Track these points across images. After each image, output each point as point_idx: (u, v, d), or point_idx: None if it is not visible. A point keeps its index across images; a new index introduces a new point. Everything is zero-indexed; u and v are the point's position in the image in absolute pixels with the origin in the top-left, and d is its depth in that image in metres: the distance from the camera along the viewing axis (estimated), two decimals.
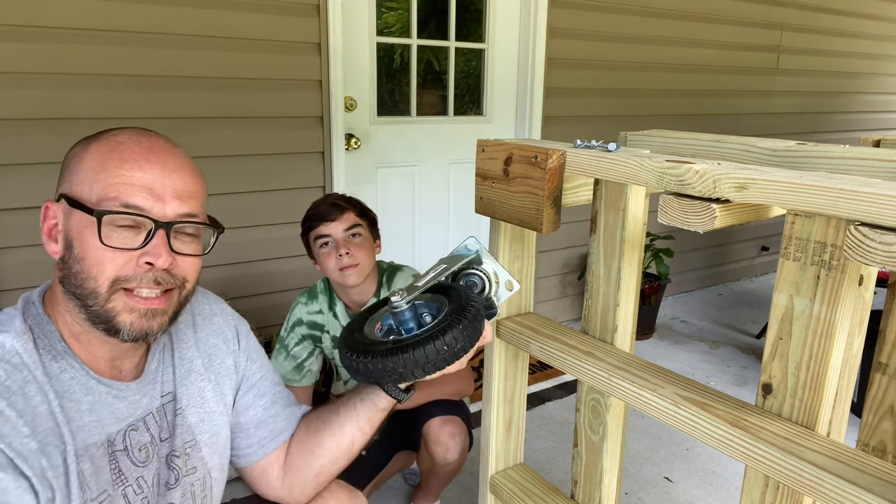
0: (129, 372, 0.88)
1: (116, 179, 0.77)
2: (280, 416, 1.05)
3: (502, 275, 0.97)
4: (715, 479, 2.23)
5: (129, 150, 0.79)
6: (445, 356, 0.82)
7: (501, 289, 0.98)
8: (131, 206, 0.77)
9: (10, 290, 2.11)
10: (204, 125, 2.31)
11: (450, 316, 0.85)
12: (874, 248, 0.64)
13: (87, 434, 0.80)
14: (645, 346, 3.35)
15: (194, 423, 0.94)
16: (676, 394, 0.90)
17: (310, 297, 1.78)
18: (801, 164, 0.95)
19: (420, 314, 0.90)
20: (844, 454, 0.75)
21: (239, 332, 1.04)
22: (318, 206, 1.67)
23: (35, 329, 0.81)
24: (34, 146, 2.05)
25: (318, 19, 2.43)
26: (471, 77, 3.10)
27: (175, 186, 0.80)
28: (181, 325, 0.97)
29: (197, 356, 0.97)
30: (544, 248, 3.38)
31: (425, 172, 3.02)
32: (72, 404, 0.79)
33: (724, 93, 3.89)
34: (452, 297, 0.89)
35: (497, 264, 0.97)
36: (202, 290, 1.05)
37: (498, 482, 1.23)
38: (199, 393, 0.95)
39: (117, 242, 0.77)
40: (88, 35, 2.06)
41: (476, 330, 0.85)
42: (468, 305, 0.86)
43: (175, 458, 0.92)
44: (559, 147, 0.97)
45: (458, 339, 0.83)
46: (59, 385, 0.79)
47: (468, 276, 0.97)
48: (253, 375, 1.04)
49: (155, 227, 0.77)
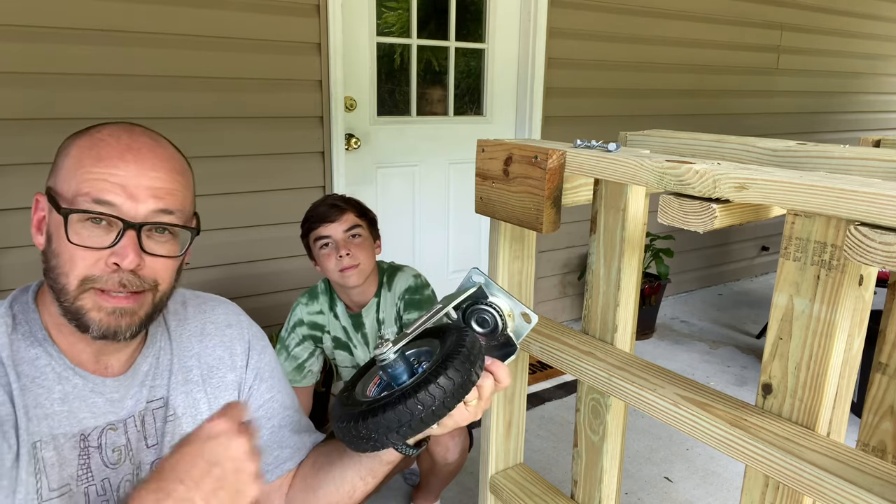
0: (116, 369, 0.86)
1: (91, 176, 0.76)
2: (287, 444, 1.00)
3: (516, 307, 0.86)
4: (715, 479, 2.23)
5: (108, 146, 0.78)
6: (422, 416, 0.70)
7: (519, 322, 0.86)
8: (102, 201, 0.75)
9: (11, 290, 2.11)
10: (204, 125, 2.31)
11: (431, 367, 0.73)
12: (874, 248, 0.64)
13: (55, 423, 0.79)
14: (645, 346, 3.35)
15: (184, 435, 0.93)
16: (676, 394, 0.90)
17: (310, 298, 1.78)
18: (801, 164, 0.95)
19: (418, 363, 0.80)
20: (844, 454, 0.75)
21: (251, 348, 1.00)
22: (318, 207, 1.67)
23: (19, 316, 0.81)
24: (34, 146, 2.05)
25: (318, 19, 2.44)
26: (471, 77, 3.10)
27: (150, 185, 0.78)
28: (187, 332, 0.95)
29: (196, 366, 0.94)
30: (544, 248, 3.38)
31: (425, 172, 3.02)
32: (42, 391, 0.79)
33: (724, 93, 3.89)
34: (444, 341, 0.77)
35: (509, 296, 0.87)
36: (222, 299, 1.02)
37: (498, 482, 1.23)
38: (192, 404, 0.92)
39: (87, 241, 0.76)
40: (88, 35, 2.06)
41: (465, 378, 0.72)
42: (457, 349, 0.74)
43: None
44: (559, 147, 0.97)
45: (438, 395, 0.70)
46: (31, 370, 0.79)
47: (478, 312, 0.86)
48: (262, 395, 1.00)
49: (124, 227, 0.76)
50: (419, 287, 1.74)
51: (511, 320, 0.86)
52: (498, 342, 0.86)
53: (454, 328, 0.80)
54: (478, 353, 0.76)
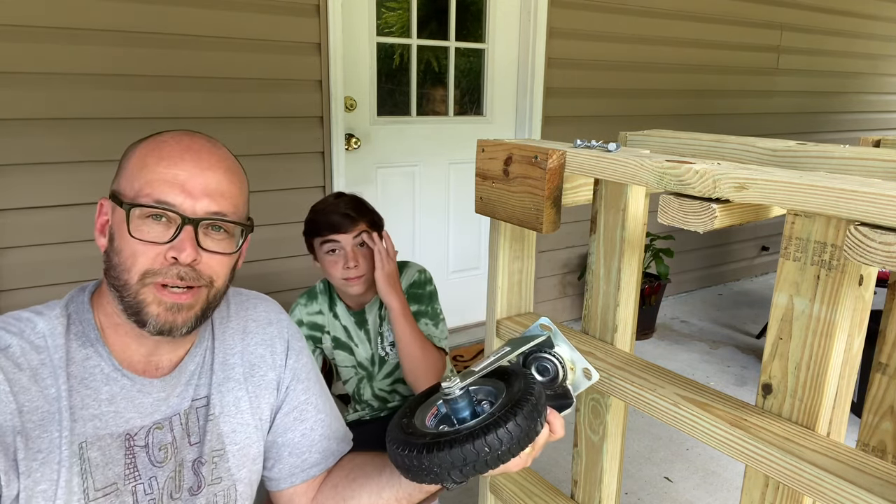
0: (166, 370, 0.88)
1: (153, 176, 0.79)
2: (315, 448, 1.00)
3: (578, 361, 0.86)
4: (715, 479, 2.23)
5: (169, 147, 0.81)
6: (487, 459, 0.69)
7: (578, 376, 0.86)
8: (162, 201, 0.78)
9: (10, 290, 2.11)
10: (204, 125, 2.31)
11: (500, 410, 0.72)
12: (874, 248, 0.64)
13: (102, 423, 0.80)
14: (645, 346, 3.35)
15: (225, 433, 0.92)
16: (676, 394, 0.90)
17: (309, 299, 1.77)
18: (801, 164, 0.95)
19: (478, 401, 0.79)
20: (844, 454, 0.75)
21: (290, 348, 1.00)
22: (330, 214, 1.61)
23: (73, 316, 0.83)
24: (34, 146, 2.05)
25: (318, 19, 2.44)
26: (471, 77, 3.10)
27: (207, 184, 0.81)
28: (230, 330, 0.96)
29: (239, 364, 0.95)
30: (544, 248, 3.38)
31: (425, 172, 3.02)
32: (89, 391, 0.80)
33: (724, 93, 3.89)
34: (510, 385, 0.77)
35: (573, 349, 0.87)
36: (263, 296, 1.03)
37: (498, 482, 1.23)
38: (234, 402, 0.93)
39: (147, 236, 0.79)
40: (88, 35, 2.06)
41: (531, 427, 0.72)
42: (526, 397, 0.73)
43: (201, 465, 0.90)
44: (559, 147, 0.97)
45: (505, 440, 0.69)
46: (80, 371, 0.80)
47: (539, 360, 0.86)
48: (297, 397, 1.00)
49: (182, 223, 0.79)
50: (423, 282, 1.74)
51: (572, 373, 0.86)
52: (554, 392, 0.86)
53: (520, 373, 0.79)
54: (544, 403, 0.76)
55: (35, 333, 0.80)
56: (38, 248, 2.12)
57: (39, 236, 2.11)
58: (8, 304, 2.10)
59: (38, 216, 2.10)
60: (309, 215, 1.67)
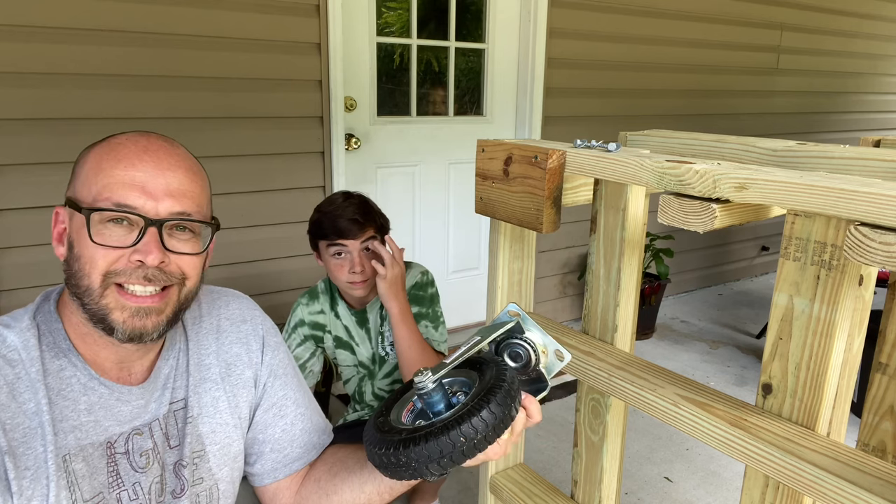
0: (140, 375, 0.87)
1: (110, 179, 0.77)
2: (297, 443, 1.00)
3: (550, 344, 0.86)
4: (715, 479, 2.23)
5: (125, 149, 0.79)
6: (463, 449, 0.69)
7: (551, 359, 0.86)
8: (122, 204, 0.76)
9: (10, 290, 2.11)
10: (204, 125, 2.31)
11: (473, 399, 0.72)
12: (874, 248, 0.64)
13: (83, 434, 0.79)
14: (645, 346, 3.35)
15: (205, 434, 0.92)
16: (676, 394, 0.90)
17: (311, 298, 1.78)
18: (801, 164, 0.95)
19: (453, 392, 0.79)
20: (844, 454, 0.75)
21: (266, 344, 1.00)
22: (338, 219, 1.59)
23: (42, 326, 0.81)
24: (34, 146, 2.05)
25: (318, 19, 2.44)
26: (471, 77, 3.10)
27: (168, 184, 0.79)
28: (203, 330, 0.95)
29: (215, 364, 0.94)
30: (544, 248, 3.38)
31: (425, 172, 3.02)
32: (67, 403, 0.79)
33: (724, 93, 3.89)
34: (483, 374, 0.77)
35: (543, 333, 0.87)
36: (234, 292, 1.02)
37: (498, 482, 1.23)
38: (212, 402, 0.93)
39: (109, 240, 0.77)
40: (88, 35, 2.06)
41: (506, 413, 0.72)
42: (498, 383, 0.73)
43: (182, 468, 0.90)
44: (559, 147, 0.97)
45: (480, 428, 0.69)
46: (57, 382, 0.79)
47: (511, 346, 0.86)
48: (275, 393, 0.99)
49: (146, 225, 0.77)
50: (425, 284, 1.74)
51: (544, 356, 0.86)
52: (529, 377, 0.86)
53: (491, 361, 0.79)
54: (517, 388, 0.76)
55: (6, 347, 0.77)
56: (38, 248, 2.12)
57: (39, 236, 2.11)
58: (8, 304, 2.10)
59: (38, 216, 2.10)
60: (315, 215, 1.66)
